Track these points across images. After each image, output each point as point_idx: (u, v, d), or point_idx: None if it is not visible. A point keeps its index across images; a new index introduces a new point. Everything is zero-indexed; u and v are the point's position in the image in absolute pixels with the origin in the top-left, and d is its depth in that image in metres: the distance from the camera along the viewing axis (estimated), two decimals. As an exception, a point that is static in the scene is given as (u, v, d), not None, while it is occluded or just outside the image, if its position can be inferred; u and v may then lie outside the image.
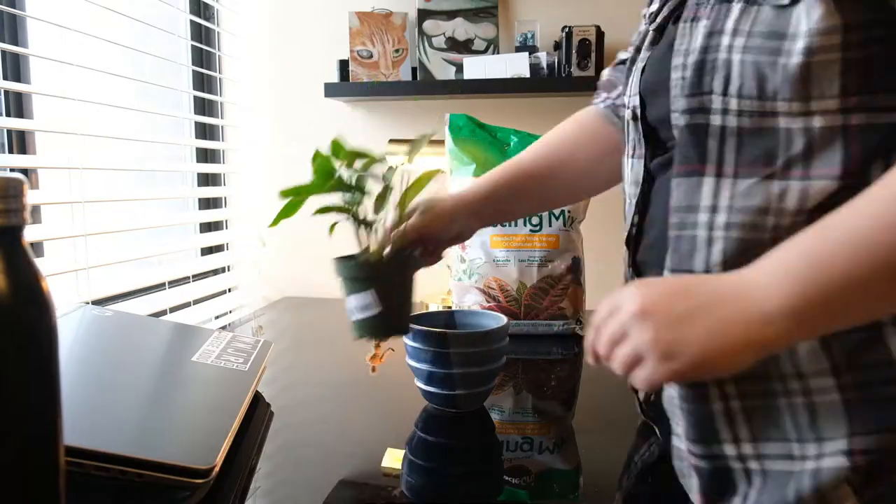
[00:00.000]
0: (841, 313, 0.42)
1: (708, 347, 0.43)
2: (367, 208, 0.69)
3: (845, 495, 0.45)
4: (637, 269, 0.61)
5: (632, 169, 0.62)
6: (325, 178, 0.66)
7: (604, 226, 1.35)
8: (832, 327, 0.44)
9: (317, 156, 0.65)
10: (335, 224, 0.68)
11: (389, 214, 0.71)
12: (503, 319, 0.81)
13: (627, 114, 0.62)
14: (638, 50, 0.63)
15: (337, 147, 0.66)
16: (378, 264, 0.69)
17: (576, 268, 1.13)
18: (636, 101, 0.60)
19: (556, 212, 1.12)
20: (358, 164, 0.67)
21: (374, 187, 0.68)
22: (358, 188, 0.67)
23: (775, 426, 0.48)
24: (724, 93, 0.48)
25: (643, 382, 0.45)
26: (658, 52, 0.58)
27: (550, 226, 1.12)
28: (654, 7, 0.60)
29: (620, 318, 0.46)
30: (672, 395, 0.53)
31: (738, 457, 0.49)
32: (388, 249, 0.70)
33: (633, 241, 0.61)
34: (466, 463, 0.67)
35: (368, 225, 0.69)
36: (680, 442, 0.53)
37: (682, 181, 0.52)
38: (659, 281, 0.50)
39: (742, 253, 0.48)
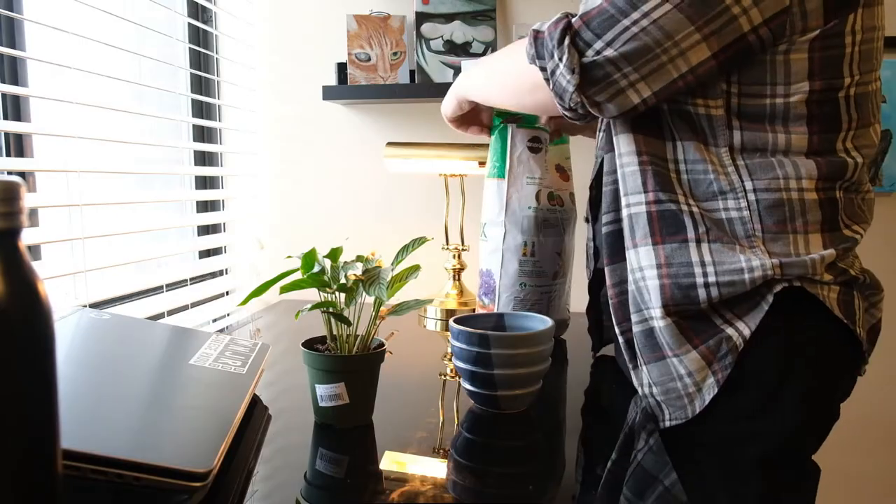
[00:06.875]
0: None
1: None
2: (341, 300, 0.75)
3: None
4: None
5: None
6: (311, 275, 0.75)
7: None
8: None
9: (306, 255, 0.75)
10: (299, 312, 0.74)
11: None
12: (548, 322, 0.82)
13: None
14: None
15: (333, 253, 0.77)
16: (350, 360, 0.73)
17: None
18: None
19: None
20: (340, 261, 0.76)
21: (350, 282, 0.74)
22: (340, 287, 0.74)
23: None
24: None
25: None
26: None
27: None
28: None
29: None
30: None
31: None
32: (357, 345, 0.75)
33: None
34: (493, 464, 0.67)
35: (344, 320, 0.73)
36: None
37: None
38: None
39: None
